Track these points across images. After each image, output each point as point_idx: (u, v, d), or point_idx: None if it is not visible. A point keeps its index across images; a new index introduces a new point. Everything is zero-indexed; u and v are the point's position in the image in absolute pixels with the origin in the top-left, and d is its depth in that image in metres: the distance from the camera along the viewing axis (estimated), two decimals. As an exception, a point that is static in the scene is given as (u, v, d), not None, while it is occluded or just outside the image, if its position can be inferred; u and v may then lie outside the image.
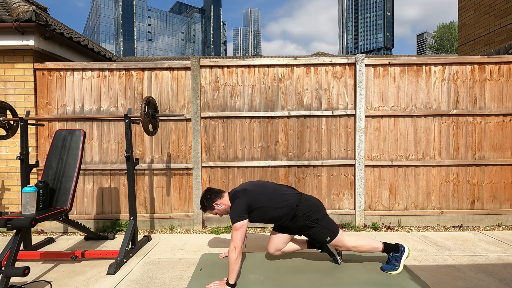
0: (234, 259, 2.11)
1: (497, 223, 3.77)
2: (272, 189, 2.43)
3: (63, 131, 3.05)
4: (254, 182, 2.54)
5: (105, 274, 2.56)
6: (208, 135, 3.80)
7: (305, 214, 2.34)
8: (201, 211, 3.77)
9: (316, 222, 2.35)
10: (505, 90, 3.75)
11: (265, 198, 2.34)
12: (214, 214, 2.49)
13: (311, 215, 2.34)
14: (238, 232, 2.16)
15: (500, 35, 5.69)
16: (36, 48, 3.72)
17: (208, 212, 2.48)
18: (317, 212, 2.37)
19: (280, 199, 2.36)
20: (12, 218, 2.36)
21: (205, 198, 2.45)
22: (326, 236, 2.36)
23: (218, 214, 2.48)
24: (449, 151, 3.77)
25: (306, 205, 2.37)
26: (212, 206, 2.43)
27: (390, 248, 2.44)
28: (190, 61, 3.76)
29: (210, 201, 2.43)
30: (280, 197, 2.38)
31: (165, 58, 13.70)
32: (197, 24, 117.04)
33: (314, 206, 2.39)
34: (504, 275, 2.44)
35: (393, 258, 2.42)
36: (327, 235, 2.36)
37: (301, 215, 2.34)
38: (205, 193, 2.48)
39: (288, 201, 2.36)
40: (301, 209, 2.34)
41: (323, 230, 2.36)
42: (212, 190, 2.49)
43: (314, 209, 2.37)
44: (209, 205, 2.43)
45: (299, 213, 2.34)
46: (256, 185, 2.45)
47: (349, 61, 3.75)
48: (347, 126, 3.78)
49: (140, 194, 3.81)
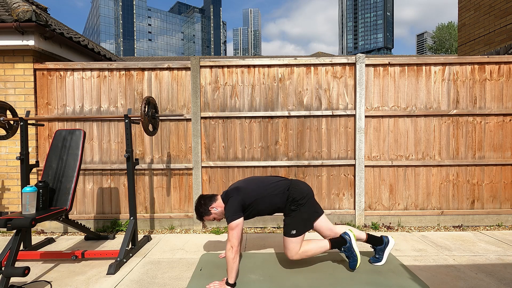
0: (231, 258, 2.12)
1: (497, 223, 3.77)
2: (261, 181, 2.47)
3: (63, 131, 3.05)
4: (245, 179, 2.57)
5: (105, 274, 2.56)
6: (208, 135, 3.80)
7: (293, 199, 2.37)
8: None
9: (298, 207, 2.37)
10: (505, 90, 3.75)
11: (256, 191, 2.37)
12: (211, 219, 2.49)
13: (298, 200, 2.37)
14: (234, 231, 2.19)
15: (500, 35, 5.69)
16: (36, 48, 3.72)
17: (205, 218, 2.47)
18: (304, 198, 2.39)
19: (270, 189, 2.40)
20: (12, 218, 2.36)
21: (199, 205, 2.46)
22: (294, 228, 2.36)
23: (215, 219, 2.48)
24: (449, 151, 3.77)
25: (297, 190, 2.40)
26: (208, 211, 2.44)
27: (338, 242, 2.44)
28: (190, 61, 3.76)
29: (206, 206, 2.44)
30: (270, 187, 2.41)
31: (165, 58, 13.70)
32: (197, 24, 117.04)
33: (303, 191, 2.41)
34: (504, 275, 2.44)
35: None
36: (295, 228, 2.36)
37: (291, 200, 2.37)
38: (199, 200, 2.49)
39: (279, 188, 2.40)
40: (291, 193, 2.38)
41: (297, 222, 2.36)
42: (204, 196, 2.51)
43: (302, 194, 2.39)
44: (205, 210, 2.44)
45: (290, 197, 2.37)
46: (246, 182, 2.48)
47: (349, 61, 3.75)
48: (347, 126, 3.78)
49: (140, 194, 3.81)
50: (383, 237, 2.62)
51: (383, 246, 2.59)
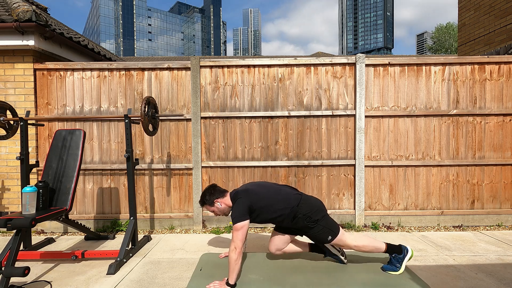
0: (234, 259, 2.11)
1: (497, 223, 3.77)
2: (273, 190, 2.42)
3: (63, 131, 3.05)
4: (256, 182, 2.54)
5: (105, 274, 2.55)
6: (208, 135, 3.80)
7: (305, 215, 2.34)
8: (201, 211, 3.77)
9: (316, 222, 2.35)
10: (505, 90, 3.75)
11: (266, 199, 2.34)
12: (211, 211, 2.47)
13: (311, 216, 2.34)
14: (239, 232, 2.16)
15: (500, 35, 5.69)
16: (36, 48, 3.72)
17: (206, 207, 2.46)
18: (317, 213, 2.37)
19: (280, 200, 2.36)
20: (12, 218, 2.36)
21: (208, 193, 2.44)
22: (327, 235, 2.36)
23: (215, 212, 2.47)
24: (449, 151, 3.77)
25: (306, 206, 2.36)
26: (212, 202, 2.42)
27: (393, 249, 2.44)
28: (190, 61, 3.76)
29: (213, 196, 2.42)
30: (281, 198, 2.37)
31: (165, 58, 13.70)
32: (197, 24, 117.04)
33: (314, 206, 2.39)
34: (504, 275, 2.44)
35: (395, 259, 2.42)
36: (328, 235, 2.36)
37: (301, 216, 2.34)
38: (210, 188, 2.47)
39: (289, 202, 2.36)
40: (301, 210, 2.34)
41: (324, 230, 2.36)
42: (216, 187, 2.49)
43: (314, 209, 2.37)
44: (210, 200, 2.42)
45: (299, 214, 2.34)
46: (258, 186, 2.45)
47: (349, 61, 3.75)
48: (347, 126, 3.78)
49: (140, 194, 3.81)
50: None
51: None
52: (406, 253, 2.42)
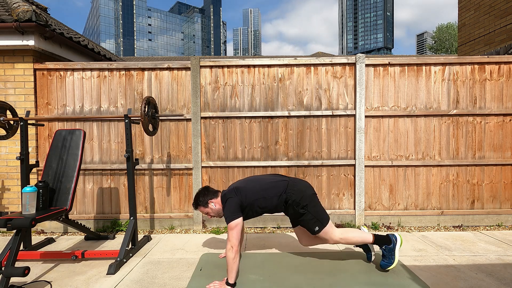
0: (232, 258, 2.13)
1: (497, 223, 3.77)
2: (261, 182, 2.46)
3: (63, 131, 3.05)
4: (246, 178, 2.58)
5: (105, 274, 2.56)
6: (208, 135, 3.80)
7: (294, 201, 2.37)
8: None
9: (305, 208, 2.36)
10: (505, 90, 3.75)
11: (255, 193, 2.37)
12: (205, 213, 2.49)
13: (300, 202, 2.36)
14: (233, 231, 2.19)
15: (500, 35, 5.69)
16: (36, 48, 3.72)
17: (200, 208, 2.47)
18: (304, 198, 2.38)
19: (268, 189, 2.40)
20: (12, 218, 2.36)
21: (202, 194, 2.47)
22: (315, 225, 2.38)
23: (209, 213, 2.48)
24: (449, 151, 3.77)
25: (295, 191, 2.39)
26: (206, 202, 2.44)
27: (381, 240, 2.44)
28: (190, 61, 3.76)
29: (206, 197, 2.45)
30: (269, 187, 2.41)
31: (165, 58, 13.71)
32: (197, 24, 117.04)
33: (301, 191, 2.40)
34: (504, 275, 2.44)
35: (387, 251, 2.42)
36: (315, 225, 2.38)
37: (291, 202, 2.37)
38: (203, 190, 2.50)
39: (277, 189, 2.39)
40: (289, 195, 2.37)
41: (313, 220, 2.38)
42: (209, 188, 2.52)
43: (301, 194, 2.39)
44: (204, 201, 2.44)
45: (289, 199, 2.37)
46: (246, 181, 2.49)
47: (349, 61, 3.75)
48: (347, 126, 3.78)
49: (140, 194, 3.81)
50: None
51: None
52: (395, 241, 2.41)
